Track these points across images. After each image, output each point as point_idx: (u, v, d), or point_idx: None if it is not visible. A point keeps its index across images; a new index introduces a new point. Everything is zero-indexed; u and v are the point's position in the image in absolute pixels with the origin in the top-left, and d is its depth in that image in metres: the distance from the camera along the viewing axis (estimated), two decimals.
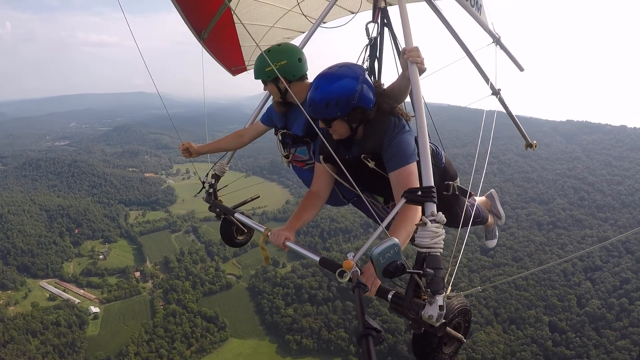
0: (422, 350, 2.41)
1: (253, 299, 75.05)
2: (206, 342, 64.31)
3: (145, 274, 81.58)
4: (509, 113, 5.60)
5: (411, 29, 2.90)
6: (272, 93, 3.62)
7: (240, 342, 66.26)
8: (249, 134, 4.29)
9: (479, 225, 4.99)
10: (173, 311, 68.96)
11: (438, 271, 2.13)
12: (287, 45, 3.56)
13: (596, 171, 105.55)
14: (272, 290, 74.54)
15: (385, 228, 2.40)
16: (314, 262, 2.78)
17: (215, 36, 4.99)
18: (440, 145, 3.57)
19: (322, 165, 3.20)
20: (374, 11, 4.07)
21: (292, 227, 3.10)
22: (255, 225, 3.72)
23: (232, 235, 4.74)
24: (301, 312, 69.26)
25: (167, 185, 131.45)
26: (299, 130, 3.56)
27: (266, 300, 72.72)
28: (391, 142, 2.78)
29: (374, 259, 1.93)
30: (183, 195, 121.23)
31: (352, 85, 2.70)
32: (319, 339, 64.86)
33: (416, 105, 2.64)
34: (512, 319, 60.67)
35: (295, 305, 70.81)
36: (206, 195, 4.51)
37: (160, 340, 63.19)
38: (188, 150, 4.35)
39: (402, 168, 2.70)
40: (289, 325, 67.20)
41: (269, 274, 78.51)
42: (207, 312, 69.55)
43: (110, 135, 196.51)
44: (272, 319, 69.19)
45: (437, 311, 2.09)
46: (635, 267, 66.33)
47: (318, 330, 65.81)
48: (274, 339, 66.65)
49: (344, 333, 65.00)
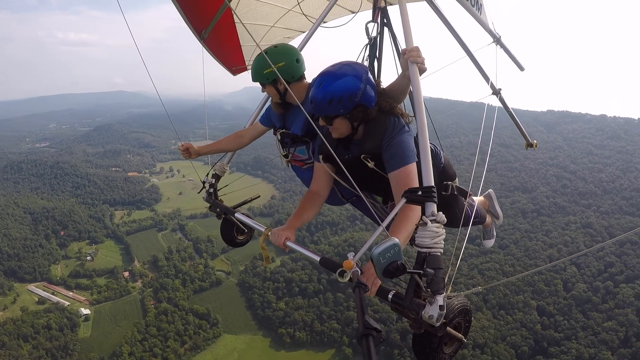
0: (423, 350, 2.42)
1: (244, 295, 75.02)
2: (199, 339, 64.21)
3: (134, 274, 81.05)
4: (510, 113, 5.62)
5: (411, 29, 2.89)
6: (270, 95, 3.61)
7: (233, 337, 66.31)
8: (249, 135, 4.30)
9: (477, 225, 4.99)
10: (165, 309, 68.59)
11: (438, 271, 2.13)
12: (284, 46, 3.54)
13: (577, 159, 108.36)
14: (263, 285, 74.63)
15: (385, 228, 2.38)
16: (314, 261, 2.77)
17: (215, 36, 4.98)
18: (440, 146, 3.59)
19: (321, 165, 3.19)
20: (374, 11, 4.06)
21: (292, 226, 3.10)
22: (256, 225, 3.71)
23: (232, 235, 4.72)
24: (293, 305, 69.57)
25: (151, 184, 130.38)
26: (298, 129, 3.57)
27: (257, 295, 72.80)
28: (391, 142, 2.79)
29: (374, 259, 1.92)
30: (168, 194, 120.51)
31: (355, 83, 2.71)
32: (311, 331, 65.31)
33: (416, 105, 2.63)
34: (501, 305, 61.96)
35: (287, 298, 71.11)
36: (206, 195, 4.50)
37: (153, 339, 62.88)
38: (188, 151, 4.31)
39: (402, 168, 2.70)
40: (281, 319, 67.51)
41: (259, 268, 78.54)
42: (199, 309, 69.36)
43: (91, 135, 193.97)
44: (264, 313, 69.39)
45: (437, 311, 2.10)
46: (619, 251, 68.29)
47: (310, 322, 66.27)
48: (267, 333, 66.86)
49: (337, 324, 65.52)
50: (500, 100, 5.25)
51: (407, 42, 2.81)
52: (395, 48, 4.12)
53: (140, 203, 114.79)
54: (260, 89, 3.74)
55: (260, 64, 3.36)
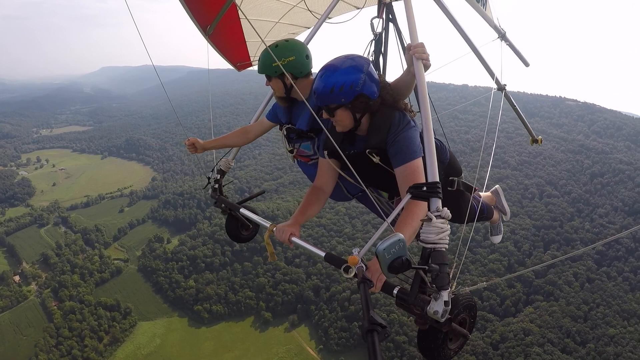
0: (428, 345, 2.41)
1: (148, 279, 73.94)
2: (116, 331, 62.45)
3: (25, 276, 74.61)
4: (515, 109, 5.64)
5: (416, 25, 2.91)
6: (275, 88, 3.59)
7: (150, 324, 65.24)
8: (255, 131, 4.27)
9: (485, 221, 5.03)
10: (71, 308, 65.35)
11: (443, 267, 2.13)
12: (294, 41, 3.55)
13: (445, 123, 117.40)
14: (166, 266, 73.86)
15: (390, 224, 2.39)
16: (319, 257, 2.77)
17: (220, 32, 4.95)
18: (445, 141, 3.61)
19: (326, 160, 3.21)
20: (379, 6, 4.10)
21: (297, 222, 3.11)
22: (261, 220, 3.69)
23: (237, 230, 4.64)
24: (202, 281, 69.88)
25: (20, 177, 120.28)
26: (304, 125, 3.58)
27: (162, 277, 72.03)
28: (396, 138, 2.78)
29: (379, 255, 1.91)
30: (41, 186, 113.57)
31: (356, 72, 2.73)
32: (227, 303, 66.19)
33: (421, 101, 2.65)
34: None
35: (195, 275, 71.19)
36: (211, 191, 4.45)
37: (68, 341, 59.43)
38: (194, 146, 4.24)
39: (408, 164, 2.70)
40: (194, 297, 67.63)
41: (158, 251, 77.88)
42: (107, 301, 67.21)
43: None
44: (174, 294, 69.00)
45: (442, 307, 2.10)
46: None
47: (224, 295, 67.10)
48: (183, 313, 66.69)
49: (250, 292, 66.83)
50: (505, 96, 5.25)
51: (412, 38, 2.85)
52: (400, 44, 4.10)
53: (13, 199, 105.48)
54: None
55: (270, 57, 3.33)
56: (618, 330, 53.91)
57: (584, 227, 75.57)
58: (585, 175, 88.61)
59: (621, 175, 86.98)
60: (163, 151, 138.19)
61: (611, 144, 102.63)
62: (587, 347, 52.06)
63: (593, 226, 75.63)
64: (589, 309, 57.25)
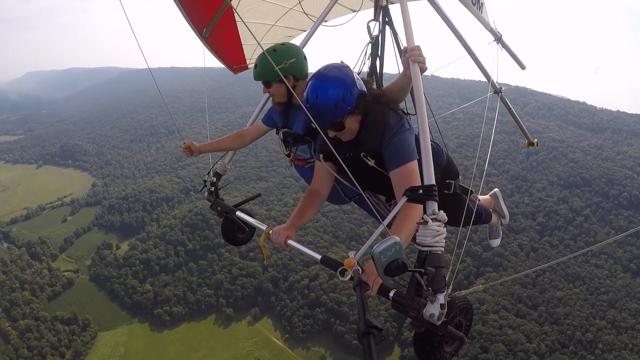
0: (424, 348, 2.40)
1: (102, 288, 71.82)
2: (78, 344, 60.18)
3: None
4: (511, 112, 5.63)
5: (413, 28, 2.88)
6: (276, 93, 3.53)
7: (111, 333, 63.56)
8: (251, 134, 4.27)
9: (482, 225, 5.02)
10: (27, 326, 61.71)
11: (439, 270, 2.11)
12: (290, 44, 3.59)
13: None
14: (119, 272, 72.14)
15: (386, 227, 2.36)
16: (315, 260, 2.78)
17: (216, 35, 4.92)
18: (442, 143, 3.59)
19: (322, 164, 3.19)
20: (376, 9, 4.10)
21: (294, 225, 3.10)
22: (257, 223, 3.68)
23: (233, 233, 4.65)
24: (159, 284, 68.87)
25: None
26: (300, 128, 3.58)
27: (117, 284, 70.31)
28: (391, 141, 2.78)
29: (375, 258, 1.91)
30: None
31: (345, 77, 2.73)
32: (187, 303, 65.72)
33: (417, 104, 2.61)
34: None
35: (150, 279, 69.92)
36: (208, 194, 4.45)
37: None
38: (190, 149, 4.26)
39: (403, 166, 2.70)
40: (152, 300, 66.40)
41: (108, 258, 76.01)
42: (64, 314, 64.56)
43: None
44: (131, 300, 67.51)
45: (438, 310, 2.08)
46: None
47: (183, 295, 66.60)
48: (143, 318, 65.37)
49: (208, 290, 66.65)
50: (501, 100, 5.27)
51: (409, 41, 2.82)
52: (396, 47, 4.15)
53: None
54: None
55: (269, 62, 3.24)
56: (565, 292, 59.51)
57: (524, 202, 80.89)
58: (520, 154, 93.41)
59: (555, 152, 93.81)
60: (100, 155, 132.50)
61: (543, 123, 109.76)
62: (538, 310, 57.12)
63: (532, 200, 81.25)
64: (536, 275, 61.73)
